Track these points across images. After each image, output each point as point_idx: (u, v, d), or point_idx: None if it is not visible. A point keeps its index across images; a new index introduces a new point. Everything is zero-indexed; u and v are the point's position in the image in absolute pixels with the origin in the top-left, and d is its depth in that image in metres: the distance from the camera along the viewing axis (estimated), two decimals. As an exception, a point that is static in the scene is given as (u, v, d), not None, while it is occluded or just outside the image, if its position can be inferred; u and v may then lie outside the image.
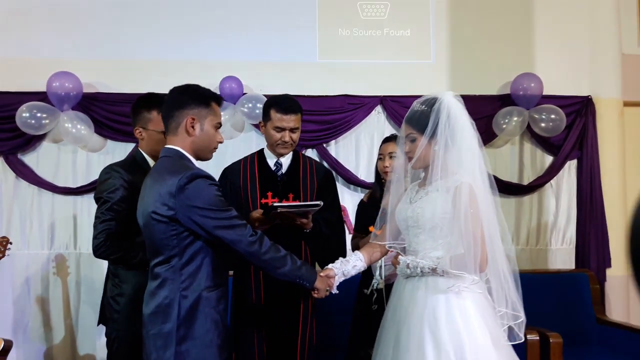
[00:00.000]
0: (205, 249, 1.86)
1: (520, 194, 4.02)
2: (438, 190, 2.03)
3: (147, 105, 2.39)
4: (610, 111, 4.01)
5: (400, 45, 3.95)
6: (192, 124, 1.92)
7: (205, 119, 1.94)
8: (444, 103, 2.04)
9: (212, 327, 1.84)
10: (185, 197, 1.80)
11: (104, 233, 2.24)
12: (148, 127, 2.40)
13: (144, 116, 2.40)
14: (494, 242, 2.03)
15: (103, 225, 2.25)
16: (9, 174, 3.71)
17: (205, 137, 1.94)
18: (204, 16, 3.86)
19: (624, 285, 4.01)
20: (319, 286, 2.05)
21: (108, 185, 2.29)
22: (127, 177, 2.30)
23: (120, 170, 2.32)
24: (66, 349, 3.69)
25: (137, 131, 2.42)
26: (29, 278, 3.69)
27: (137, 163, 2.40)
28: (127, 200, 2.26)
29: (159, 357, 1.81)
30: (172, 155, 1.92)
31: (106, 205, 2.27)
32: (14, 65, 3.73)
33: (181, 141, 1.93)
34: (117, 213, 2.26)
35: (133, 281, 2.27)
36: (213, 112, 1.97)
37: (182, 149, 1.93)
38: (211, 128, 1.96)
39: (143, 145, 2.44)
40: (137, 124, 2.42)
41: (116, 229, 2.25)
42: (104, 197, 2.28)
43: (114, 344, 2.32)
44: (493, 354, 1.94)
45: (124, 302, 2.29)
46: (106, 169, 2.37)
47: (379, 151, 2.80)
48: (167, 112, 1.96)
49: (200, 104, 1.94)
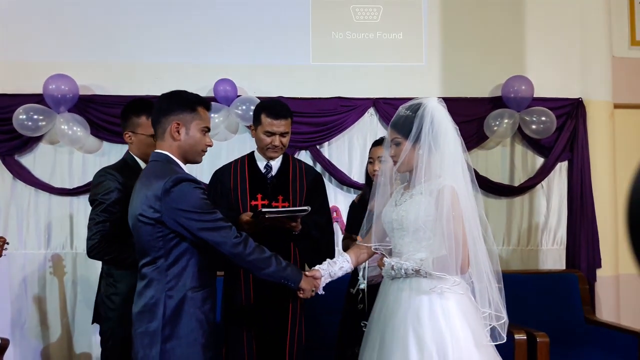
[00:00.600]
0: (190, 250, 1.92)
1: (512, 195, 4.07)
2: (422, 193, 2.07)
3: (136, 110, 2.46)
4: (600, 113, 4.05)
5: (392, 48, 3.99)
6: (177, 129, 1.98)
7: (190, 123, 2.00)
8: (428, 108, 2.09)
9: (196, 326, 1.90)
10: (171, 199, 1.86)
11: (99, 234, 2.30)
12: (137, 132, 2.47)
13: (132, 121, 2.47)
14: (477, 244, 2.08)
15: (98, 227, 2.31)
16: (6, 175, 3.77)
17: (191, 141, 2.00)
18: (199, 20, 3.91)
19: (614, 285, 4.06)
20: (305, 286, 2.10)
21: (103, 187, 2.35)
22: (121, 180, 2.36)
23: (114, 173, 2.39)
24: (63, 348, 3.74)
25: (127, 135, 2.49)
26: (26, 277, 3.75)
27: (129, 166, 2.47)
28: (121, 202, 2.31)
29: (146, 355, 1.87)
30: (160, 160, 1.98)
31: (101, 207, 2.33)
32: (11, 67, 3.78)
33: (168, 146, 1.99)
34: (111, 215, 2.32)
35: (127, 280, 2.33)
36: (199, 117, 2.02)
37: (169, 154, 1.99)
38: (197, 132, 2.01)
39: (133, 148, 2.51)
40: (126, 128, 2.49)
41: (110, 231, 2.31)
42: (99, 199, 2.35)
43: (108, 342, 2.39)
44: (475, 353, 1.99)
45: (118, 301, 2.36)
46: (100, 172, 2.43)
47: (369, 154, 2.85)
48: (155, 118, 2.03)
49: (185, 109, 2.00)
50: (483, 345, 2.03)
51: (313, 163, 3.91)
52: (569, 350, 3.37)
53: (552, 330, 3.25)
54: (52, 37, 3.82)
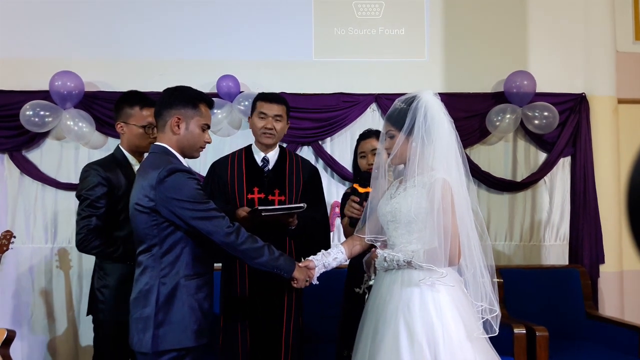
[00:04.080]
0: (185, 239, 1.97)
1: (514, 191, 4.07)
2: (415, 185, 2.09)
3: (129, 101, 2.52)
4: (604, 108, 4.03)
5: (394, 43, 4.00)
6: (177, 123, 2.03)
7: (191, 119, 2.04)
8: (422, 101, 2.10)
9: (188, 313, 1.94)
10: (165, 189, 1.91)
11: (85, 229, 2.36)
12: (129, 122, 2.51)
13: (125, 111, 2.52)
14: (470, 237, 2.09)
15: (84, 222, 2.37)
16: (13, 170, 3.83)
17: (190, 136, 2.05)
18: (202, 16, 3.95)
19: (618, 281, 4.04)
20: (298, 276, 2.13)
21: (87, 183, 2.41)
22: (104, 174, 2.41)
23: (97, 168, 2.44)
24: (68, 340, 3.81)
25: (119, 126, 2.54)
26: (33, 271, 3.81)
27: (116, 160, 2.52)
28: (106, 196, 2.38)
29: (140, 339, 1.93)
30: (158, 152, 2.04)
31: (86, 203, 2.39)
32: (18, 65, 3.84)
33: (168, 139, 2.05)
34: (96, 209, 2.38)
35: (116, 273, 2.41)
36: (200, 114, 2.06)
37: (168, 146, 2.04)
38: (197, 128, 2.06)
39: (124, 140, 2.55)
40: (118, 119, 2.54)
41: (95, 224, 2.37)
42: (83, 195, 2.41)
43: (100, 331, 2.46)
44: (467, 345, 1.99)
45: (108, 293, 2.42)
46: (85, 167, 2.49)
47: (360, 149, 2.76)
48: (157, 110, 2.08)
49: (187, 105, 2.04)
50: (475, 338, 2.04)
51: (315, 158, 3.94)
52: (570, 345, 3.36)
53: (553, 326, 3.25)
54: (58, 35, 3.88)
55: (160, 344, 1.90)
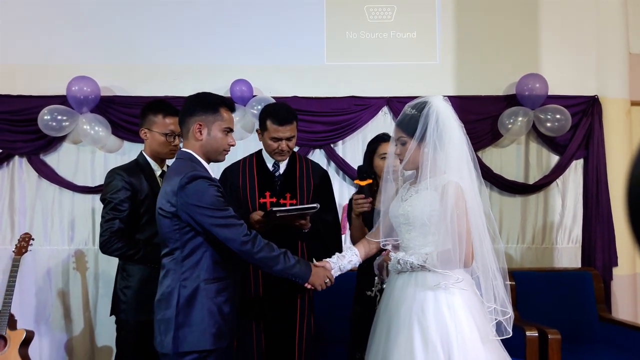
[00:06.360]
0: (205, 244, 2.02)
1: (526, 194, 4.06)
2: (427, 188, 2.11)
3: (154, 109, 2.59)
4: (617, 110, 4.02)
5: (406, 47, 4.03)
6: (199, 129, 2.08)
7: (212, 124, 2.09)
8: (433, 107, 2.12)
9: (207, 316, 1.98)
10: (186, 195, 1.96)
11: (108, 231, 2.44)
12: (152, 129, 2.59)
13: (149, 119, 2.60)
14: (483, 240, 2.10)
15: (107, 225, 2.45)
16: (31, 174, 3.91)
17: (212, 141, 2.09)
18: (216, 22, 4.00)
19: (631, 284, 4.02)
20: (314, 282, 2.16)
21: (111, 187, 2.50)
22: (128, 179, 2.50)
23: (121, 173, 2.53)
24: (85, 340, 3.88)
25: (143, 132, 2.62)
26: (50, 272, 3.89)
27: (139, 166, 2.60)
28: (129, 200, 2.46)
29: (162, 340, 1.99)
30: (183, 158, 2.10)
31: (110, 206, 2.47)
32: (36, 70, 3.92)
33: (192, 145, 2.11)
34: (119, 212, 2.46)
35: (138, 275, 2.50)
36: (221, 118, 2.11)
37: (193, 152, 2.10)
38: (219, 132, 2.10)
39: (147, 146, 2.63)
40: (143, 125, 2.62)
41: (118, 227, 2.45)
42: (107, 198, 2.49)
43: (122, 331, 2.54)
44: (480, 347, 2.01)
45: (130, 294, 2.50)
46: (110, 172, 2.58)
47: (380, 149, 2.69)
48: (181, 119, 2.15)
49: (207, 110, 2.09)
50: (488, 340, 2.06)
51: (327, 161, 3.97)
52: (582, 349, 3.36)
53: (565, 329, 3.25)
54: (75, 41, 3.96)
55: (180, 345, 1.96)
